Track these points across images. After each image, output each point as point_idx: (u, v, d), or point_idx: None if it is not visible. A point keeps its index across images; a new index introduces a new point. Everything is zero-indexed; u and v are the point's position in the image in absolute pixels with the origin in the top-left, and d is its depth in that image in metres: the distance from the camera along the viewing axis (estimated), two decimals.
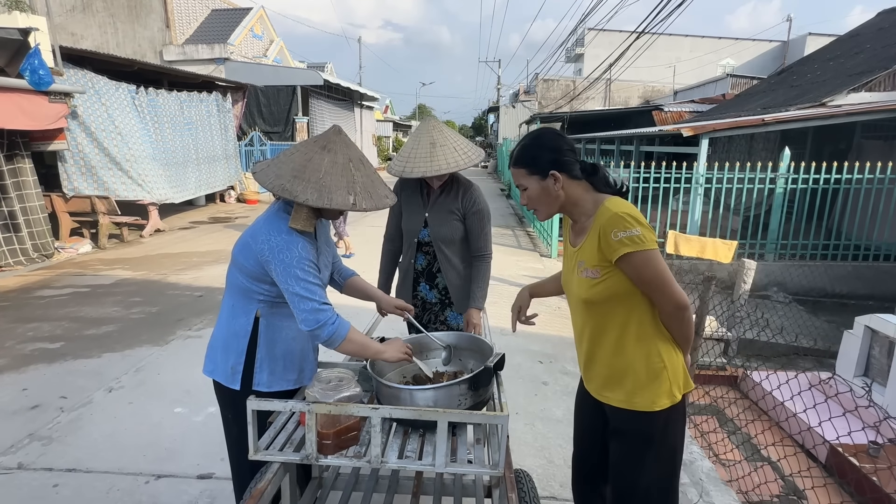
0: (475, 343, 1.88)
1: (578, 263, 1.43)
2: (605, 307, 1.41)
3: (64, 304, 4.97)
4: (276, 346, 1.61)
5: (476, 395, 1.56)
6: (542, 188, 1.43)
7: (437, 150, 2.08)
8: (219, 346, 1.63)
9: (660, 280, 1.32)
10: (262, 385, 1.61)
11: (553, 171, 1.40)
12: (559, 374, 3.62)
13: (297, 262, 1.45)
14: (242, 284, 1.55)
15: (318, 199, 1.41)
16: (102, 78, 7.97)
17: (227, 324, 1.61)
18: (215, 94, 11.25)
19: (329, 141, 1.50)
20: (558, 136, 1.47)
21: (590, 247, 1.38)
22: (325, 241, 1.75)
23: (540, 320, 4.77)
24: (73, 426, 2.83)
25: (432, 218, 2.22)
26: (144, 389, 3.27)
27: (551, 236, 7.55)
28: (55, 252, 7.09)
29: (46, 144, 7.14)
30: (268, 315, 1.59)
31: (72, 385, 3.31)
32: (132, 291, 5.40)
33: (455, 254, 2.25)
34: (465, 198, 2.21)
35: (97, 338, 4.11)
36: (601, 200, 1.41)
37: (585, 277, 1.40)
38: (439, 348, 1.93)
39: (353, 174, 1.47)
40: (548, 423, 2.99)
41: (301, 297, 1.44)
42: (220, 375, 1.62)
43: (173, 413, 2.97)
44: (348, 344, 1.50)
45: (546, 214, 1.49)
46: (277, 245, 1.44)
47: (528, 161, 1.44)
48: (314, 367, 1.76)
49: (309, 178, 1.43)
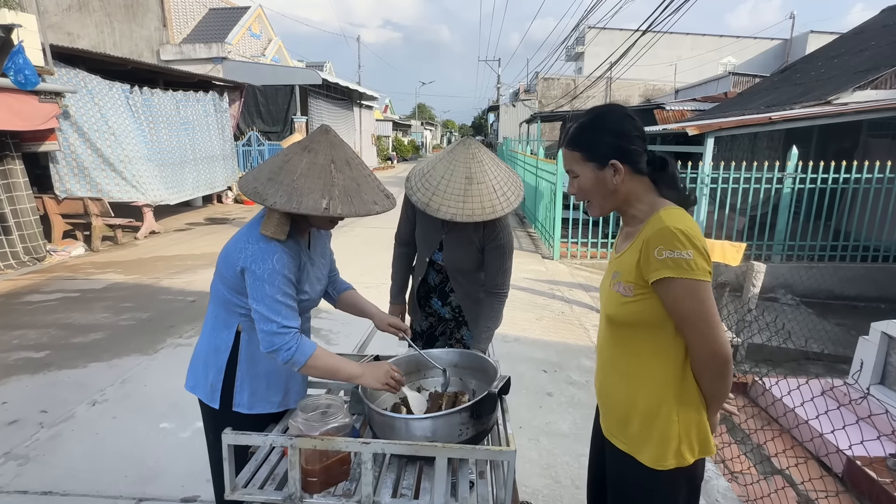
0: (478, 362, 1.73)
1: (614, 274, 1.25)
2: (630, 332, 1.23)
3: (52, 310, 4.82)
4: (258, 365, 1.47)
5: (479, 423, 1.41)
6: (598, 179, 1.21)
7: (472, 188, 1.77)
8: (200, 360, 1.51)
9: (701, 319, 1.10)
10: (242, 406, 1.47)
11: (614, 161, 1.18)
12: (564, 385, 3.47)
13: (269, 275, 1.32)
14: (224, 296, 1.42)
15: (287, 203, 1.27)
16: (95, 77, 7.81)
17: (208, 337, 1.49)
18: (212, 94, 11.09)
19: (312, 141, 1.35)
20: (627, 118, 1.21)
21: (629, 259, 1.19)
22: (319, 253, 1.60)
23: (543, 326, 4.66)
24: (52, 444, 2.68)
25: (449, 243, 1.99)
26: (130, 403, 3.12)
27: (553, 237, 7.40)
28: (47, 255, 6.94)
29: (38, 145, 6.98)
30: (250, 330, 1.45)
31: (54, 398, 3.16)
32: (123, 296, 5.25)
33: (471, 281, 2.06)
34: (488, 229, 1.91)
35: (84, 346, 3.96)
36: (658, 207, 1.19)
37: (616, 292, 1.22)
38: (440, 367, 1.79)
39: (334, 176, 1.32)
40: (553, 439, 2.84)
41: (262, 316, 1.32)
42: (200, 392, 1.50)
43: (158, 429, 2.82)
44: (312, 369, 1.38)
45: (600, 209, 1.26)
46: (252, 254, 1.32)
47: (585, 144, 1.21)
48: (302, 389, 1.61)
49: (282, 180, 1.30)
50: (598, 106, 1.27)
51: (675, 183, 1.24)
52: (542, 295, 5.52)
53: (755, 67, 25.15)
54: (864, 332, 3.88)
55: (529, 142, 19.62)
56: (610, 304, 1.25)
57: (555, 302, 5.31)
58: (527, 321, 4.67)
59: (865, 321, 6.37)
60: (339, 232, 8.34)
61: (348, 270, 5.78)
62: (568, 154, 1.25)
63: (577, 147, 1.22)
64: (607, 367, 1.33)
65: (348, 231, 8.89)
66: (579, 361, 3.85)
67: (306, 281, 1.48)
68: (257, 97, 15.24)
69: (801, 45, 24.94)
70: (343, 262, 1.93)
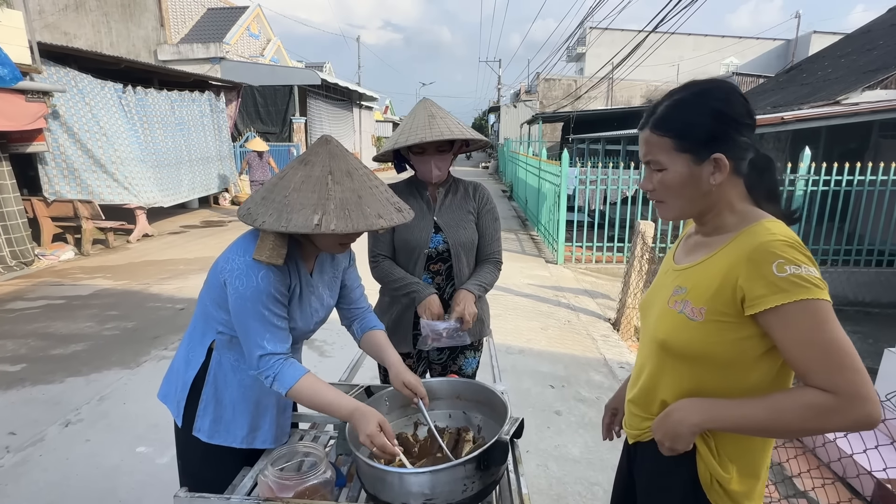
0: (484, 394, 1.50)
1: (676, 289, 1.01)
2: (692, 367, 0.97)
3: (34, 319, 4.60)
4: (225, 390, 1.30)
5: (487, 475, 1.18)
6: (691, 176, 0.94)
7: (436, 121, 1.73)
8: (174, 369, 1.38)
9: (836, 349, 0.81)
10: (202, 433, 1.30)
11: (719, 155, 0.91)
12: (574, 402, 3.24)
13: (253, 293, 1.17)
14: (206, 306, 1.29)
15: (276, 221, 1.11)
16: (86, 76, 7.60)
17: (185, 347, 1.35)
18: (208, 94, 10.88)
19: (310, 153, 1.21)
20: (737, 97, 0.93)
21: (707, 275, 0.94)
22: (325, 283, 1.41)
23: (549, 336, 4.43)
24: (16, 471, 2.45)
25: (446, 220, 1.83)
26: (106, 423, 2.89)
27: (557, 241, 7.17)
28: (35, 259, 6.71)
29: (25, 146, 6.76)
30: (223, 349, 1.29)
31: (25, 417, 2.93)
32: (109, 303, 5.03)
33: (470, 263, 1.88)
34: (478, 195, 1.90)
35: (63, 359, 3.74)
36: (753, 217, 0.94)
37: (679, 312, 0.97)
38: (443, 397, 1.56)
39: (330, 189, 1.15)
40: (563, 464, 2.61)
41: (245, 338, 1.20)
42: (170, 403, 1.35)
43: (135, 453, 2.60)
44: (297, 398, 1.23)
45: (677, 213, 1.00)
46: (237, 269, 1.19)
47: (681, 128, 0.93)
48: (275, 427, 1.38)
49: (274, 197, 1.16)
50: (700, 80, 0.99)
51: (774, 190, 0.99)
52: (546, 302, 5.29)
53: (757, 68, 24.96)
54: (882, 339, 3.65)
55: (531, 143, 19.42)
56: (665, 326, 1.00)
57: (560, 309, 5.08)
58: (531, 331, 4.45)
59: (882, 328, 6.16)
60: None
61: None
62: (653, 139, 0.96)
63: (668, 131, 0.94)
64: (648, 400, 1.08)
65: None
66: (588, 376, 3.62)
67: (297, 309, 1.31)
68: (256, 98, 15.06)
69: (804, 46, 24.75)
70: None
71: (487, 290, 1.87)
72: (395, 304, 1.90)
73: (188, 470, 1.38)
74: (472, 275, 1.87)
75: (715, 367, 0.94)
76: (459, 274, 1.85)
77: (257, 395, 1.33)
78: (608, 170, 7.05)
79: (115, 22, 16.39)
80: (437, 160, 1.74)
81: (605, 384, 3.50)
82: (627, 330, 4.58)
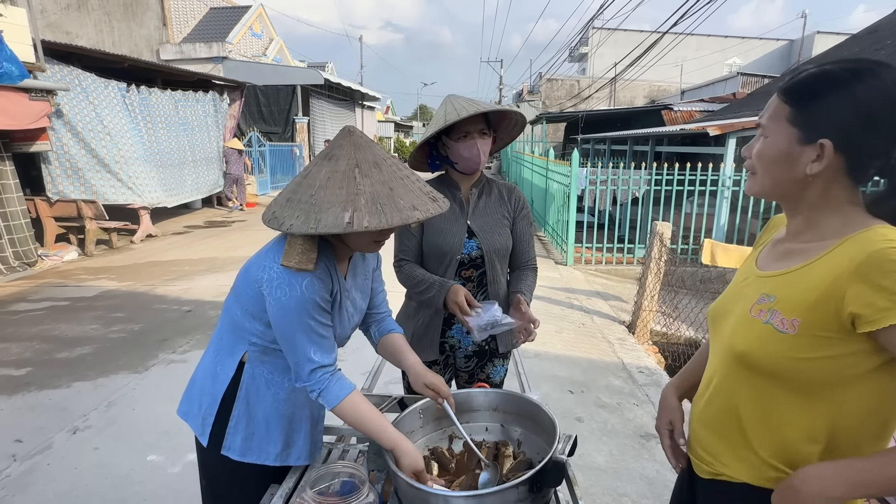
0: (525, 406, 1.41)
1: (763, 297, 0.89)
2: (775, 383, 0.87)
3: (38, 321, 4.52)
4: (258, 405, 1.21)
5: (538, 497, 1.10)
6: (788, 155, 0.85)
7: (475, 102, 1.65)
8: (197, 384, 1.27)
9: None
10: (233, 451, 1.21)
11: (825, 141, 0.81)
12: (595, 408, 3.15)
13: (298, 303, 1.08)
14: (236, 317, 1.18)
15: (304, 224, 1.03)
16: (90, 75, 7.51)
17: (210, 360, 1.25)
18: (212, 93, 10.80)
19: (334, 146, 1.11)
20: (891, 96, 0.79)
21: (804, 284, 0.84)
22: (359, 287, 1.33)
23: (564, 339, 4.33)
24: (23, 481, 2.37)
25: (480, 224, 1.72)
26: (115, 430, 2.81)
27: (567, 242, 7.08)
28: (38, 260, 6.63)
29: (28, 145, 6.67)
30: (256, 362, 1.20)
31: (31, 424, 2.85)
32: (115, 305, 4.94)
33: (503, 270, 1.79)
34: (513, 198, 1.79)
35: (69, 363, 3.65)
36: (860, 223, 0.83)
37: (764, 322, 0.86)
38: (478, 409, 1.47)
39: (358, 183, 1.05)
40: (589, 474, 2.52)
41: (290, 350, 1.12)
42: (192, 421, 1.25)
43: (145, 462, 2.51)
44: (339, 414, 1.17)
45: (759, 188, 0.91)
46: (277, 277, 1.09)
47: (805, 99, 0.83)
48: (310, 443, 1.30)
49: (300, 197, 1.07)
50: (867, 60, 0.85)
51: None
52: (559, 304, 5.21)
53: (760, 68, 24.87)
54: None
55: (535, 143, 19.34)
56: (746, 338, 0.89)
57: (573, 312, 4.99)
58: (546, 334, 4.36)
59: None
60: None
61: None
62: (775, 102, 0.87)
63: (791, 98, 0.85)
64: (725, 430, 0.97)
65: None
66: (607, 380, 3.53)
67: (336, 316, 1.22)
68: (258, 97, 14.99)
69: (808, 46, 24.66)
70: None
71: (532, 296, 1.80)
72: (422, 309, 1.81)
73: (215, 491, 1.29)
74: (515, 282, 1.78)
75: (803, 385, 0.84)
76: (493, 282, 1.75)
77: (291, 409, 1.25)
78: (618, 170, 6.97)
79: (117, 21, 16.33)
80: (481, 143, 1.63)
81: (626, 389, 3.41)
82: (643, 333, 4.50)
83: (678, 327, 4.84)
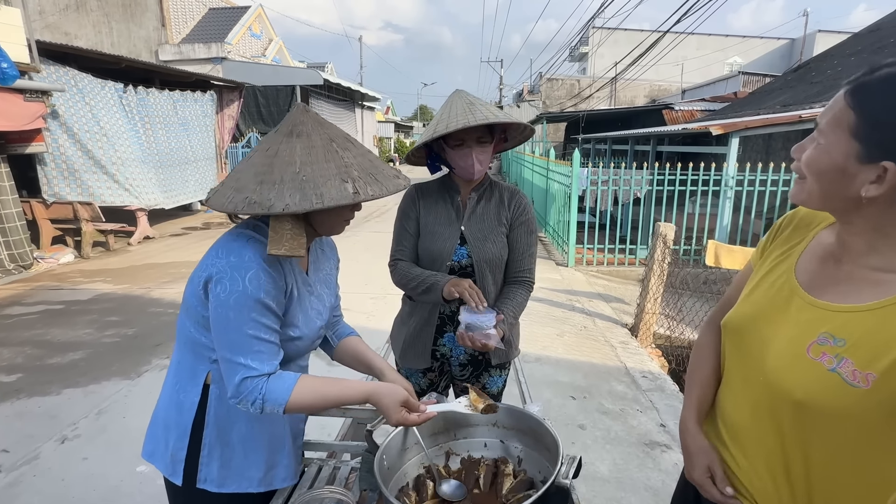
0: (526, 422, 1.34)
1: (825, 337, 0.77)
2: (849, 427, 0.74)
3: (31, 325, 4.45)
4: (230, 428, 1.11)
5: None
6: (844, 170, 0.73)
7: (476, 107, 1.55)
8: (159, 420, 1.15)
9: None
10: (210, 482, 1.10)
11: (889, 165, 0.69)
12: (597, 415, 3.08)
13: (237, 300, 0.97)
14: (190, 334, 1.07)
15: (303, 200, 0.94)
16: (86, 76, 7.45)
17: (170, 390, 1.13)
18: (210, 94, 10.74)
19: (296, 123, 1.03)
20: None
21: (883, 332, 0.71)
22: (322, 281, 1.24)
23: (566, 343, 4.25)
24: (8, 493, 2.29)
25: (473, 231, 1.63)
26: (105, 439, 2.73)
27: (568, 243, 7.00)
28: (34, 262, 6.57)
29: (24, 147, 6.61)
30: (221, 381, 1.08)
31: (19, 433, 2.77)
32: (109, 309, 4.87)
33: (497, 280, 1.68)
34: (514, 203, 1.67)
35: (60, 368, 3.58)
36: None
37: (829, 370, 0.74)
38: (476, 424, 1.40)
39: (342, 156, 1.02)
40: (592, 484, 2.44)
41: (224, 357, 1.00)
42: (159, 461, 1.13)
43: (135, 473, 2.43)
44: (300, 408, 1.05)
45: (807, 196, 0.80)
46: (219, 271, 0.99)
47: (877, 109, 0.70)
48: (294, 462, 1.23)
49: (280, 176, 0.97)
50: None
51: None
52: (560, 307, 5.13)
53: (761, 67, 24.79)
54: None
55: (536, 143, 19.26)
56: (807, 384, 0.76)
57: (575, 315, 4.91)
58: (547, 337, 4.28)
59: None
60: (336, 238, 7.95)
61: (351, 280, 5.40)
62: (840, 105, 0.74)
63: (860, 107, 0.71)
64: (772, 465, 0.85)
65: (351, 236, 8.50)
66: (610, 386, 3.46)
67: (300, 313, 1.12)
68: (258, 98, 14.91)
69: (809, 45, 24.56)
70: (345, 272, 1.53)
71: (517, 317, 1.67)
72: (415, 315, 1.73)
73: None
74: (502, 298, 1.65)
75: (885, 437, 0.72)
76: (484, 293, 1.64)
77: (269, 427, 1.16)
78: (620, 170, 6.89)
79: (115, 22, 16.29)
80: (478, 152, 1.56)
81: (629, 395, 3.33)
82: (646, 336, 4.42)
83: (682, 330, 4.76)
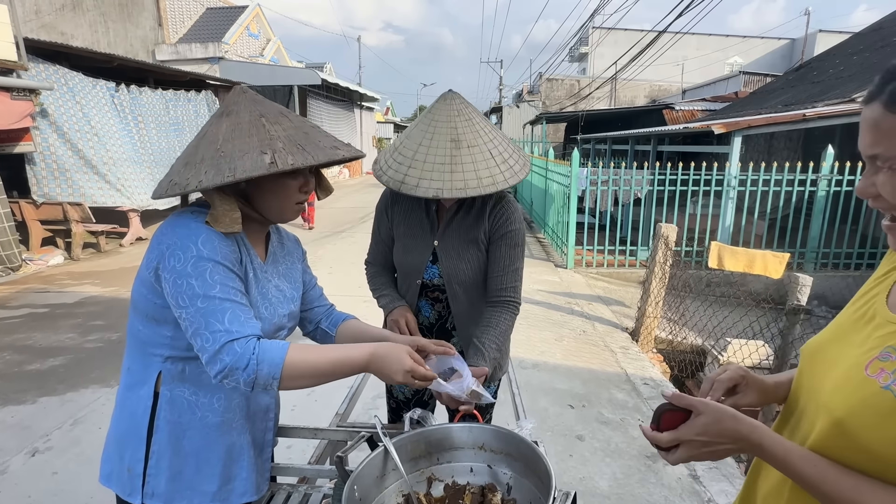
0: (515, 445, 1.21)
1: (888, 353, 0.65)
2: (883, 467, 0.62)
3: (14, 329, 4.31)
4: (182, 436, 0.99)
5: None
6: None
7: (462, 153, 1.30)
8: (113, 436, 1.03)
9: None
10: (157, 497, 0.98)
11: None
12: (597, 425, 2.94)
13: (195, 264, 0.90)
14: (138, 332, 0.98)
15: (217, 175, 0.91)
16: (77, 74, 7.33)
17: (122, 399, 1.02)
18: (205, 93, 10.62)
19: (229, 104, 1.01)
20: None
21: None
22: (282, 274, 1.15)
23: (564, 348, 4.10)
24: None
25: (446, 247, 1.46)
26: (78, 451, 2.60)
27: (567, 244, 6.87)
28: (23, 264, 6.43)
29: (12, 146, 6.49)
30: (174, 382, 0.98)
31: None
32: (95, 312, 4.74)
33: (478, 300, 1.52)
34: (495, 212, 1.45)
35: (39, 375, 3.45)
36: None
37: (883, 387, 0.62)
38: (460, 447, 1.27)
39: (269, 130, 0.97)
40: (591, 500, 2.31)
41: (197, 330, 0.89)
42: (116, 483, 1.01)
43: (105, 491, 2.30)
44: (297, 378, 0.93)
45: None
46: (166, 249, 0.92)
47: None
48: (256, 473, 1.10)
49: (202, 156, 0.95)
50: None
51: None
52: (559, 310, 4.99)
53: (762, 67, 24.69)
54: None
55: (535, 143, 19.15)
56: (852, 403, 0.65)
57: (574, 318, 4.78)
58: (545, 342, 4.15)
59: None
60: (331, 240, 7.82)
61: (344, 282, 5.26)
62: (888, 124, 0.61)
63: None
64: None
65: (347, 237, 8.36)
66: (610, 394, 3.32)
67: (258, 295, 1.04)
68: None
69: (810, 45, 24.47)
70: (338, 274, 1.41)
71: (498, 350, 1.40)
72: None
73: None
74: (481, 327, 1.41)
75: None
76: (459, 315, 1.50)
77: (228, 435, 1.03)
78: (620, 170, 6.76)
79: (112, 22, 16.20)
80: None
81: (630, 403, 3.20)
82: (647, 341, 4.28)
83: (685, 334, 4.63)
